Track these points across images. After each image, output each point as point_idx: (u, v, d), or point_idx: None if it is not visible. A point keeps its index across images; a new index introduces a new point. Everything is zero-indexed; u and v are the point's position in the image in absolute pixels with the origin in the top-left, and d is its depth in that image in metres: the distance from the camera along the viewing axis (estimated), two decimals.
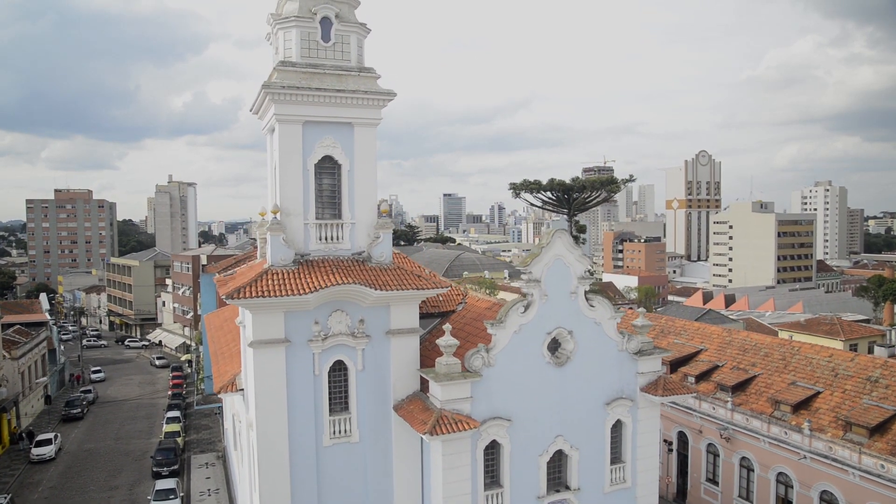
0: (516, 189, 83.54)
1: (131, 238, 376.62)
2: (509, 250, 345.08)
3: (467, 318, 28.00)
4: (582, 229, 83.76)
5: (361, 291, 22.31)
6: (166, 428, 55.60)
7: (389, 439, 23.65)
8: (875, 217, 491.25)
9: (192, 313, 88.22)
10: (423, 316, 26.53)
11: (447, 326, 22.83)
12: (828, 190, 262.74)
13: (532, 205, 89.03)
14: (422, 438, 22.58)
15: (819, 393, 35.38)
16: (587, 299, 24.84)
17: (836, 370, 36.42)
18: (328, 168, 23.90)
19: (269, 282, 21.70)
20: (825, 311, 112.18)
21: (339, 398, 23.38)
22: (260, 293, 21.03)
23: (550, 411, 24.09)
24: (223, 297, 20.77)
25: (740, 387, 38.89)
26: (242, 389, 26.22)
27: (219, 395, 27.51)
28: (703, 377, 41.51)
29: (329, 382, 23.06)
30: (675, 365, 43.64)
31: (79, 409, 64.17)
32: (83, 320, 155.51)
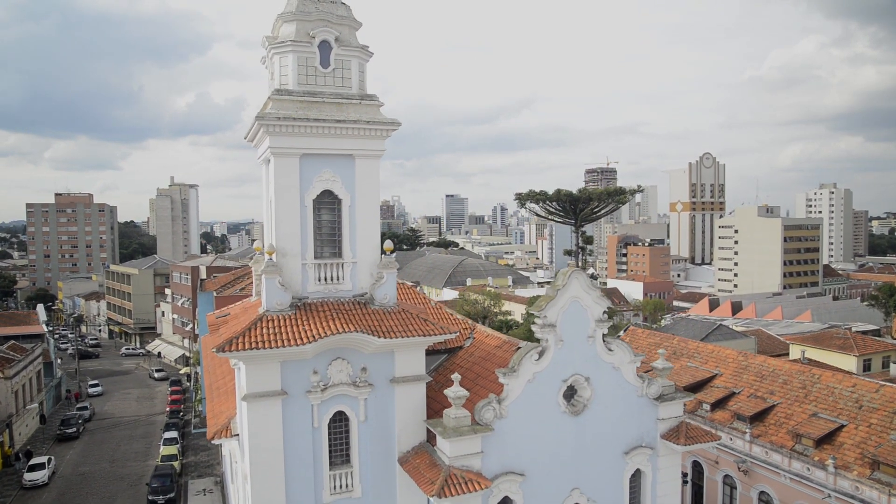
0: (521, 199, 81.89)
1: (133, 240, 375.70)
2: (512, 252, 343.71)
3: (476, 356, 26.42)
4: (589, 240, 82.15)
5: (363, 340, 20.72)
6: (163, 450, 54.03)
7: (394, 494, 22.05)
8: (878, 218, 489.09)
9: (191, 325, 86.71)
10: (428, 352, 24.97)
11: (456, 376, 21.19)
12: (833, 192, 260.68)
13: (538, 215, 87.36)
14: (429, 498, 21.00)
15: (843, 426, 33.72)
16: (605, 342, 23.21)
17: (861, 401, 34.76)
18: (327, 203, 22.31)
19: (264, 330, 20.11)
20: (834, 321, 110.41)
21: (339, 451, 21.78)
22: (253, 345, 19.44)
23: (566, 463, 22.47)
24: (214, 350, 19.17)
25: (759, 416, 37.23)
26: (237, 435, 24.68)
27: (213, 442, 25.91)
28: (718, 405, 39.86)
29: (329, 434, 21.46)
30: (689, 391, 41.97)
31: (74, 429, 62.68)
32: (82, 328, 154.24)
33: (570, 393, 22.76)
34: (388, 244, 22.50)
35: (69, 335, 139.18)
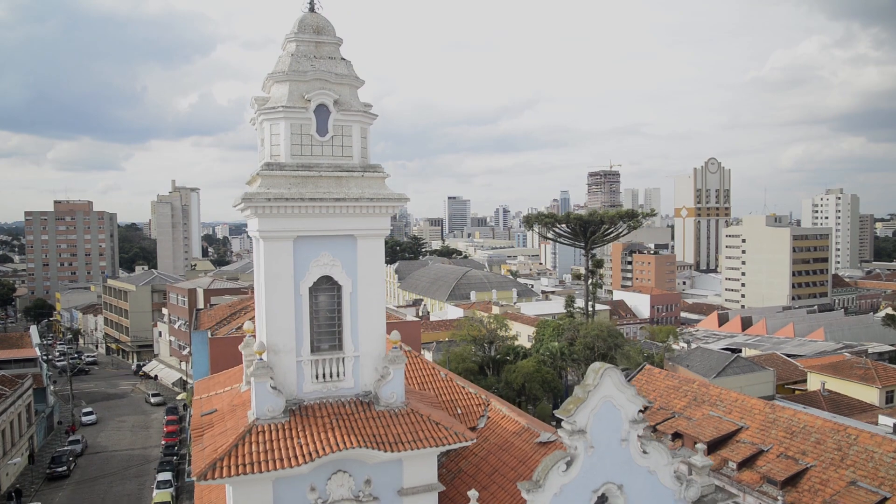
0: (529, 222, 79.17)
1: (134, 245, 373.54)
2: (515, 257, 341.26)
3: (491, 442, 23.74)
4: (599, 264, 79.43)
5: (368, 454, 18.09)
6: (156, 496, 51.40)
7: None
8: (882, 220, 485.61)
9: (188, 349, 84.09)
10: None
11: (473, 493, 18.55)
12: (839, 198, 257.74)
13: (546, 238, 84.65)
14: None
15: (886, 499, 31.07)
16: (640, 443, 20.53)
17: None
18: (326, 289, 19.67)
19: (254, 447, 17.46)
20: (848, 338, 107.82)
21: None
22: (241, 469, 16.81)
23: None
24: (195, 479, 16.56)
25: (791, 481, 34.57)
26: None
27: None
28: (745, 464, 37.22)
29: None
30: (712, 446, 39.36)
31: (64, 467, 60.09)
32: (80, 340, 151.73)
33: (601, 502, 20.12)
34: (395, 335, 19.88)
35: (66, 349, 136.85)
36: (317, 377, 19.46)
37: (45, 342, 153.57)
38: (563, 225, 77.24)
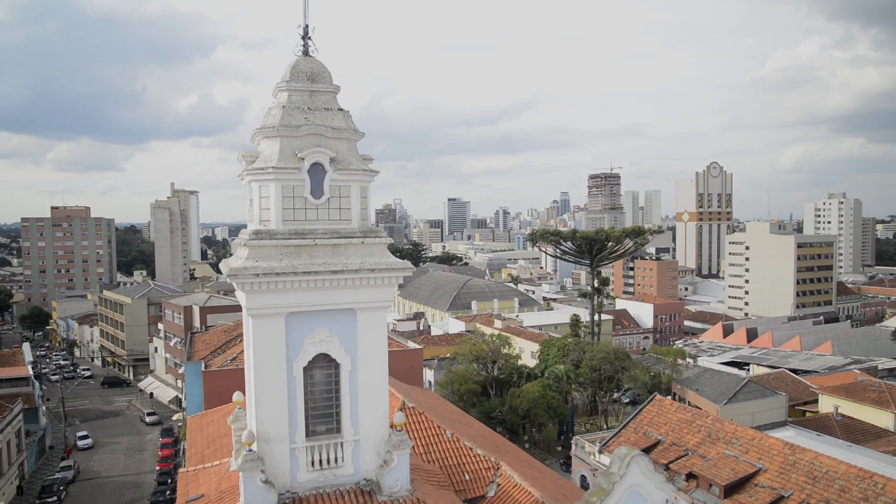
0: (534, 239, 77.29)
1: (132, 248, 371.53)
2: (515, 261, 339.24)
3: None
4: (605, 282, 77.49)
5: None
6: None
7: None
8: (883, 221, 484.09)
9: (183, 367, 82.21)
10: None
11: None
12: (842, 202, 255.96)
13: (550, 255, 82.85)
14: None
15: None
16: None
17: None
18: (322, 367, 17.81)
19: None
20: (856, 351, 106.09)
21: None
22: None
23: None
24: None
25: None
26: None
27: None
28: None
29: None
30: (728, 489, 37.54)
31: (55, 498, 58.08)
32: (77, 351, 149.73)
33: None
34: (400, 418, 18.02)
35: (62, 362, 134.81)
36: (312, 464, 17.59)
37: (40, 353, 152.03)
38: (569, 243, 75.37)
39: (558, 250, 77.64)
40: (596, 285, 75.06)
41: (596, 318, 74.98)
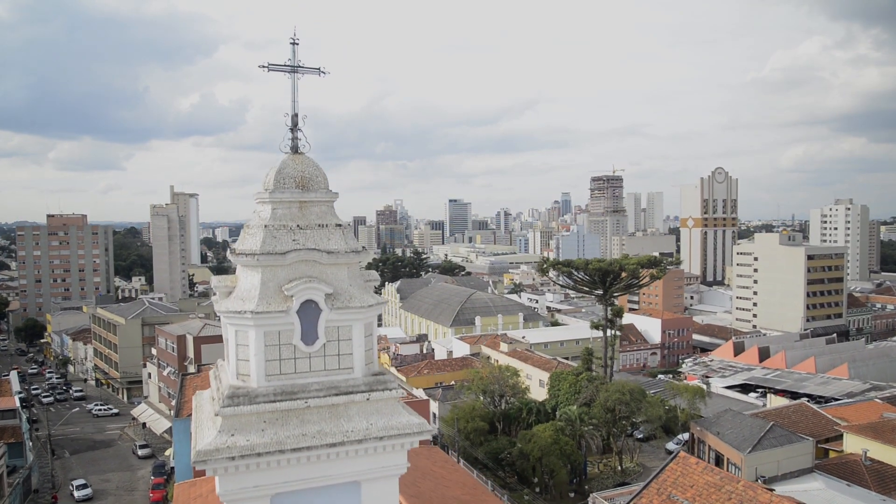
0: (544, 269, 73.84)
1: (132, 252, 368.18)
2: (517, 266, 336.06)
3: None
4: (618, 313, 73.93)
5: None
6: None
7: None
8: (885, 223, 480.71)
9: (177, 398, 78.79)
10: None
11: None
12: (849, 208, 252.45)
13: (561, 286, 79.50)
14: None
15: None
16: None
17: None
18: None
19: None
20: (872, 375, 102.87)
21: None
22: None
23: None
24: None
25: None
26: None
27: None
28: None
29: None
30: None
31: None
32: (71, 368, 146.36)
33: None
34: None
35: (55, 381, 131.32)
36: None
37: (32, 370, 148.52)
38: (581, 273, 71.78)
39: (570, 280, 74.32)
40: (610, 316, 71.54)
41: (612, 360, 71.53)
